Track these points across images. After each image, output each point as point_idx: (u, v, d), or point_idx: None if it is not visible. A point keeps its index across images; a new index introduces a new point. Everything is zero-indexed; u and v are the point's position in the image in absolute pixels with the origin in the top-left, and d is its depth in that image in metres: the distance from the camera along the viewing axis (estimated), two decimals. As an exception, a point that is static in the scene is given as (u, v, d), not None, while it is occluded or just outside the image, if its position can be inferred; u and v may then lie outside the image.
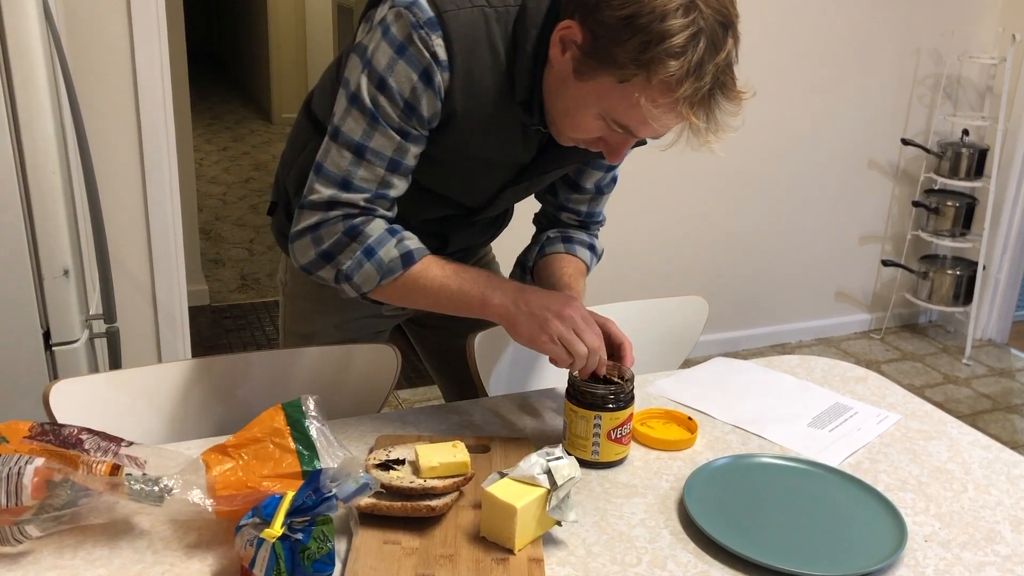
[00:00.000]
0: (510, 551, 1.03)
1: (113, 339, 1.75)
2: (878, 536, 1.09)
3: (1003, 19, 3.66)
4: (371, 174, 1.22)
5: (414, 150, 1.23)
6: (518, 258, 1.56)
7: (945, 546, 1.10)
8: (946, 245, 3.79)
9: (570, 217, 1.53)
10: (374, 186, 1.22)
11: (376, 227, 1.23)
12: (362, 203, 1.23)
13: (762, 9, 3.27)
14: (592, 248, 1.54)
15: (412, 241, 1.25)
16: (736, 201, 3.54)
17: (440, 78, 1.18)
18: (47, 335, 1.60)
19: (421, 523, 1.07)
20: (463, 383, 1.59)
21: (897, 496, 1.19)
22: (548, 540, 1.07)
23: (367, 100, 1.18)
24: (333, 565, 0.99)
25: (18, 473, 0.99)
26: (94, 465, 1.05)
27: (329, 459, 1.11)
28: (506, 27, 1.19)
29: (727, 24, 1.07)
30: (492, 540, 1.05)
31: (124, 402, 1.36)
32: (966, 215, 3.71)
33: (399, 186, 1.25)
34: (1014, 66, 3.56)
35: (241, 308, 3.97)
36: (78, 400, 1.32)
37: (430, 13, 1.15)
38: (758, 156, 3.49)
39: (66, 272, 1.59)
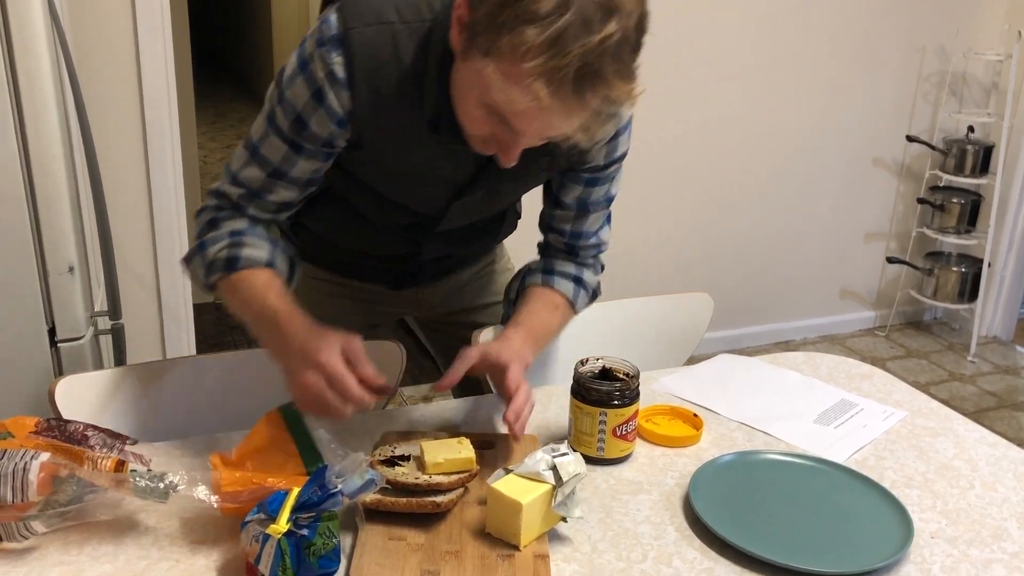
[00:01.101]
0: (516, 547, 1.03)
1: (118, 335, 1.76)
2: (884, 533, 1.09)
3: (1008, 16, 3.65)
4: (255, 175, 1.22)
5: (307, 163, 1.21)
6: (506, 289, 1.48)
7: (952, 543, 1.09)
8: (951, 242, 3.78)
9: (556, 238, 1.42)
10: (255, 186, 1.23)
11: (231, 225, 1.23)
12: (236, 197, 1.24)
13: (767, 7, 3.26)
14: (578, 281, 1.40)
15: (251, 250, 1.20)
16: (741, 198, 3.53)
17: (336, 98, 1.15)
18: (52, 331, 1.60)
19: (426, 519, 1.07)
20: (469, 382, 1.58)
21: (903, 493, 1.19)
22: (553, 536, 1.07)
23: (268, 106, 1.20)
24: (338, 561, 0.99)
25: (24, 468, 0.99)
26: (99, 461, 1.05)
27: (332, 456, 1.11)
28: (418, 43, 1.14)
29: (611, 9, 0.96)
30: (497, 536, 1.04)
31: (129, 399, 1.36)
32: (971, 212, 3.70)
33: (285, 195, 1.24)
34: (1020, 63, 3.54)
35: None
36: (83, 396, 1.32)
37: (335, 31, 1.13)
38: (763, 153, 3.49)
39: (71, 269, 1.59)
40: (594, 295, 1.45)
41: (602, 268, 1.47)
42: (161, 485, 1.04)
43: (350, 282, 1.53)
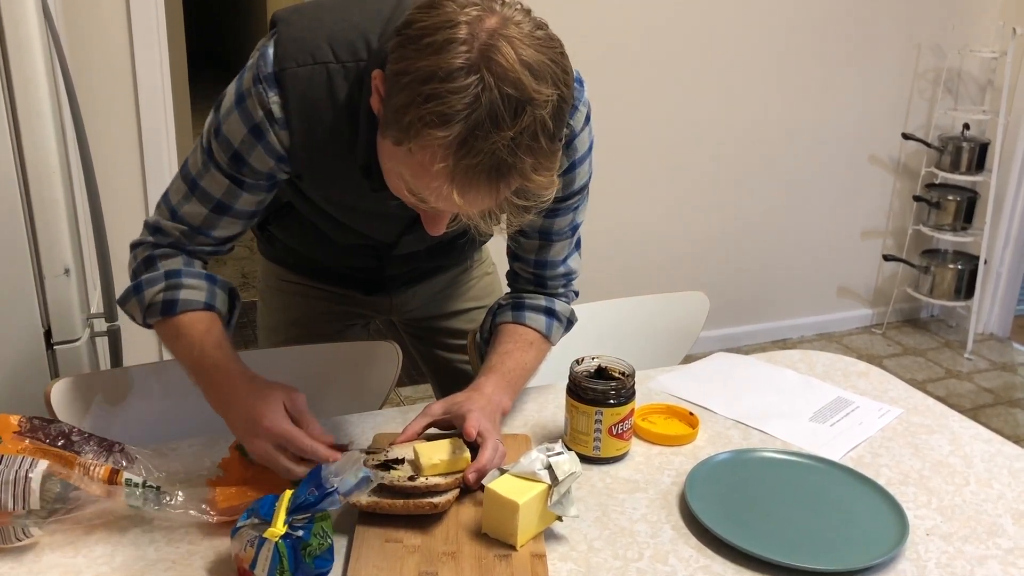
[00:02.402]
0: (512, 547, 1.03)
1: (114, 337, 1.75)
2: (880, 530, 1.09)
3: (1004, 13, 3.66)
4: (196, 211, 1.19)
5: (250, 197, 1.18)
6: (480, 325, 1.42)
7: (947, 540, 1.10)
8: (947, 239, 3.79)
9: (522, 268, 1.36)
10: (197, 221, 1.19)
11: (168, 264, 1.20)
12: (177, 234, 1.20)
13: (762, 5, 3.26)
14: (550, 312, 1.34)
15: (189, 291, 1.17)
16: (737, 196, 3.53)
17: (275, 136, 1.11)
18: (48, 334, 1.60)
19: (422, 521, 1.07)
20: (460, 381, 1.58)
21: (899, 490, 1.19)
22: (550, 536, 1.07)
23: (205, 140, 1.17)
24: (332, 560, 0.99)
25: (25, 477, 1.00)
26: (91, 468, 1.05)
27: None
28: (351, 84, 1.09)
29: (522, 101, 0.90)
30: (494, 536, 1.05)
31: (125, 400, 1.36)
32: (967, 209, 3.71)
33: (228, 228, 1.21)
34: (1015, 60, 3.55)
35: (242, 306, 3.96)
36: (79, 398, 1.32)
37: (271, 68, 1.09)
38: (759, 151, 3.49)
39: (67, 271, 1.59)
40: (569, 323, 1.39)
41: (576, 295, 1.42)
42: (155, 499, 1.05)
43: (321, 285, 1.52)
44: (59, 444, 1.08)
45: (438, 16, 0.92)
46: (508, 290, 1.42)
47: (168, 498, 1.05)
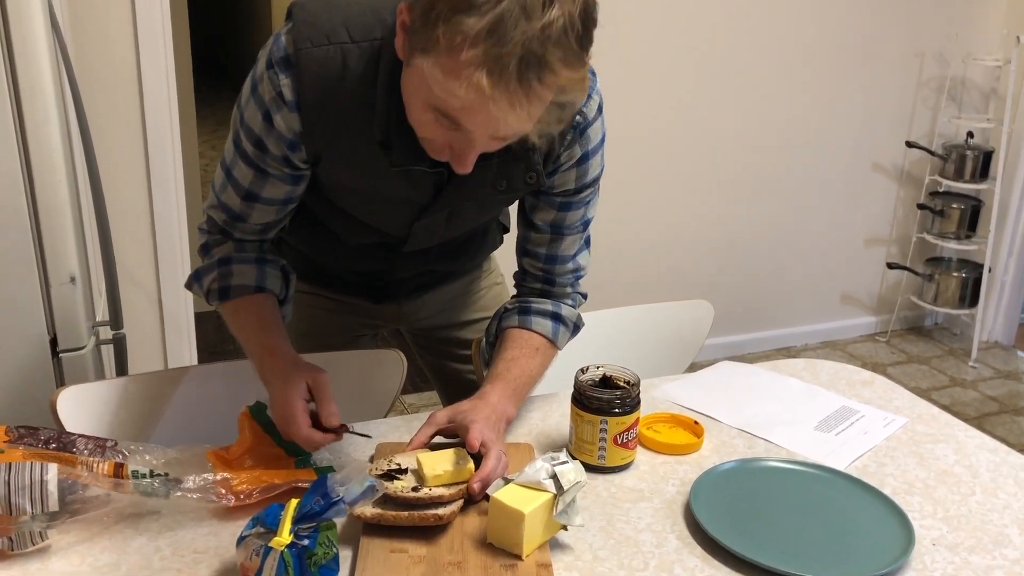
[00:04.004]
0: (518, 557, 1.03)
1: (120, 345, 1.76)
2: (885, 540, 1.09)
3: (1007, 21, 3.66)
4: (231, 199, 1.24)
5: (277, 186, 1.22)
6: (485, 330, 1.42)
7: (953, 550, 1.09)
8: (951, 248, 3.78)
9: (531, 263, 1.36)
10: (236, 208, 1.25)
11: (220, 251, 1.28)
12: (221, 222, 1.28)
13: (766, 12, 3.26)
14: (556, 317, 1.34)
15: (239, 278, 1.26)
16: (741, 204, 3.53)
17: (283, 120, 1.14)
18: (54, 341, 1.60)
19: (428, 530, 1.07)
20: (465, 390, 1.58)
21: (904, 499, 1.19)
22: (555, 545, 1.07)
23: (232, 128, 1.21)
24: (337, 569, 0.99)
25: (41, 480, 1.00)
26: (95, 465, 1.07)
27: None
28: (367, 63, 1.11)
29: None
30: (499, 546, 1.04)
31: (131, 408, 1.37)
32: (971, 217, 3.71)
33: (264, 217, 1.26)
34: (1019, 68, 3.55)
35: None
36: (85, 406, 1.32)
37: (284, 52, 1.11)
38: (762, 159, 3.49)
39: (73, 279, 1.59)
40: (576, 328, 1.39)
41: (583, 297, 1.41)
42: (162, 483, 1.06)
43: (332, 295, 1.52)
44: (52, 447, 1.10)
45: None
46: (515, 292, 1.42)
47: (180, 484, 1.06)
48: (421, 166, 1.17)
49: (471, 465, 1.12)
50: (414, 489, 1.08)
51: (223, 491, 1.07)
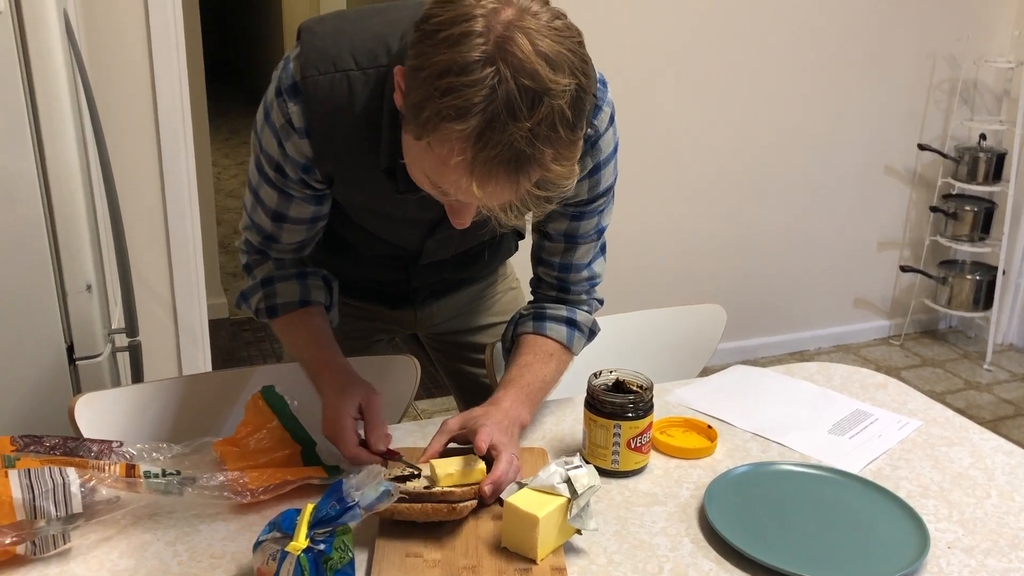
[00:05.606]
0: (532, 561, 1.03)
1: (135, 353, 1.77)
2: (900, 543, 1.09)
3: (1019, 23, 3.64)
4: (262, 219, 1.27)
5: (302, 207, 1.24)
6: (502, 335, 1.43)
7: (969, 553, 1.09)
8: (965, 250, 3.77)
9: (546, 271, 1.36)
10: (268, 229, 1.28)
11: (261, 272, 1.32)
12: (257, 243, 1.31)
13: (777, 16, 3.26)
14: (571, 323, 1.34)
15: (283, 297, 1.30)
16: (752, 208, 3.53)
17: (296, 146, 1.16)
18: (71, 349, 1.62)
19: (442, 534, 1.07)
20: (478, 394, 1.59)
21: (919, 503, 1.19)
22: (569, 549, 1.07)
23: (252, 152, 1.23)
24: (353, 574, 1.00)
25: (64, 483, 1.02)
26: (106, 467, 1.08)
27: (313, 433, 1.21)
28: (373, 90, 1.12)
29: (539, 92, 0.90)
30: (514, 550, 1.05)
31: (147, 415, 1.38)
32: (985, 220, 3.69)
33: (295, 236, 1.29)
34: (1031, 69, 3.54)
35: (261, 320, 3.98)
36: (102, 413, 1.33)
37: (292, 80, 1.13)
38: (775, 163, 3.49)
39: (89, 287, 1.60)
40: (592, 334, 1.39)
41: (600, 303, 1.41)
42: (176, 481, 1.08)
43: (348, 300, 1.52)
44: (58, 453, 1.11)
45: (455, 10, 0.93)
46: (531, 299, 1.43)
47: (194, 482, 1.08)
48: (409, 192, 1.15)
49: (482, 467, 1.12)
50: (426, 487, 1.08)
51: (238, 488, 1.09)
